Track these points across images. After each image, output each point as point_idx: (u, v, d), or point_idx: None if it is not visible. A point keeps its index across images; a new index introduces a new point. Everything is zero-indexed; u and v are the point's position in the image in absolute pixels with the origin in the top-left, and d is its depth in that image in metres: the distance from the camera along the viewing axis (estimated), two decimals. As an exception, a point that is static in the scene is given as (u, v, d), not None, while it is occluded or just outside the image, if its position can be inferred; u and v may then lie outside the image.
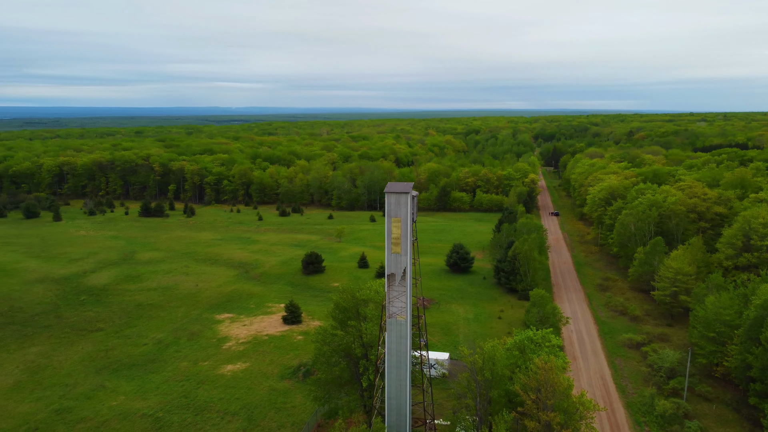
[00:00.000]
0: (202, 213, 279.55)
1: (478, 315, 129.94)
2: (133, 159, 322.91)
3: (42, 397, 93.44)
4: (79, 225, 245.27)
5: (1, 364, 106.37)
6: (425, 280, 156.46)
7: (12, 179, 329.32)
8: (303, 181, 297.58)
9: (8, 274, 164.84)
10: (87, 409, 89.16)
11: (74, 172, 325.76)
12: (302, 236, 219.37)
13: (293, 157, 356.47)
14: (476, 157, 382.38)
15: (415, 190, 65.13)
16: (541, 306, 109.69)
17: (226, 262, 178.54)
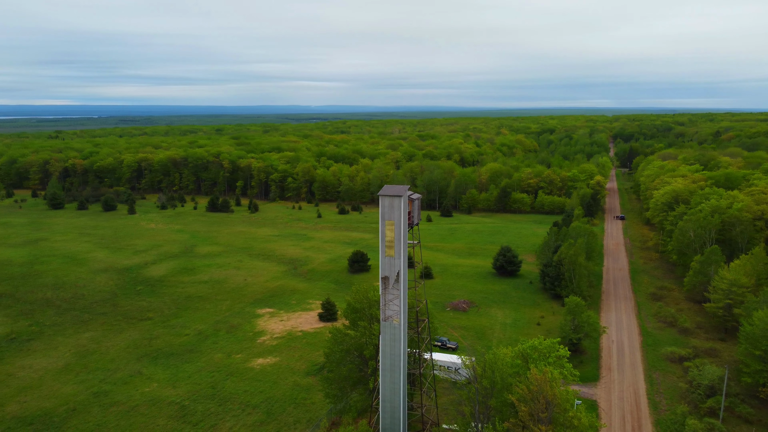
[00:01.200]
0: (266, 209, 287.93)
1: (517, 320, 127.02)
2: (204, 156, 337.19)
3: (85, 380, 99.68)
4: (150, 218, 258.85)
5: (56, 347, 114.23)
6: (470, 282, 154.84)
7: (96, 174, 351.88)
8: (364, 179, 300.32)
9: (79, 263, 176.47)
10: (121, 393, 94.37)
11: (151, 167, 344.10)
12: (356, 234, 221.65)
13: (357, 155, 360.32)
14: (544, 157, 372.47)
15: (417, 193, 64.62)
16: (576, 313, 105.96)
17: (278, 258, 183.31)
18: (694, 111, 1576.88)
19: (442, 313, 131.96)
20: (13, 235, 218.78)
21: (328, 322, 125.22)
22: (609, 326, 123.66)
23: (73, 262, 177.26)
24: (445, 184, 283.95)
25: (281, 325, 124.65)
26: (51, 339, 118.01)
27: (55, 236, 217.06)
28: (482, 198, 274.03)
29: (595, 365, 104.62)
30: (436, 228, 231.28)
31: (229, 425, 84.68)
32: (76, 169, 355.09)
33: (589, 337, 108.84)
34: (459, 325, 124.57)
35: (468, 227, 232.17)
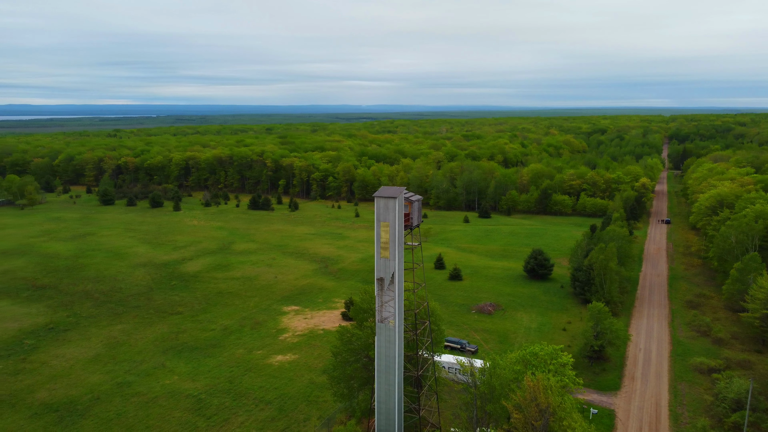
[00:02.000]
0: (306, 208, 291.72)
1: (543, 325, 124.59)
2: (249, 155, 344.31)
3: (111, 370, 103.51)
4: (193, 215, 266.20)
5: (89, 337, 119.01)
6: (499, 284, 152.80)
7: (146, 171, 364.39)
8: (404, 179, 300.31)
9: (120, 257, 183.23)
10: (143, 384, 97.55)
11: (198, 166, 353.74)
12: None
13: (399, 155, 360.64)
14: (590, 158, 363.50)
15: (418, 195, 64.21)
16: (598, 320, 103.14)
17: (311, 256, 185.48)
18: (760, 111, 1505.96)
19: (466, 315, 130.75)
20: (64, 230, 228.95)
21: (351, 321, 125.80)
22: (638, 334, 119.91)
23: (115, 256, 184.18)
24: (485, 184, 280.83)
25: (304, 323, 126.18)
26: (85, 330, 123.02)
27: (102, 231, 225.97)
28: (522, 199, 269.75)
29: (618, 374, 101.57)
30: (472, 229, 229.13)
31: (241, 420, 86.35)
32: (128, 166, 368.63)
33: (614, 345, 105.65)
34: (482, 328, 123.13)
35: (505, 229, 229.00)
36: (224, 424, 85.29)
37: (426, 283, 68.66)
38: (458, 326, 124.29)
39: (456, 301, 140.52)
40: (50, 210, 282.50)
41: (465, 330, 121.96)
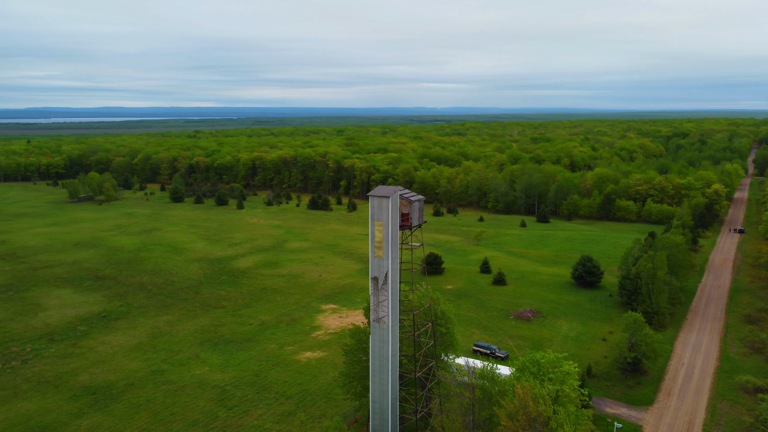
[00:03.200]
0: (364, 208, 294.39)
1: (582, 334, 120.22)
2: (312, 156, 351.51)
3: (149, 358, 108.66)
4: (255, 213, 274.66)
5: (136, 327, 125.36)
6: (543, 290, 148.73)
7: (216, 171, 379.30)
8: (463, 182, 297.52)
9: (178, 252, 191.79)
10: (175, 373, 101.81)
11: (264, 166, 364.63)
12: (443, 236, 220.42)
13: (461, 157, 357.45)
14: (663, 162, 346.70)
15: (420, 195, 63.76)
16: (633, 330, 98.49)
17: (359, 256, 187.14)
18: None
19: (504, 321, 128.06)
20: (133, 225, 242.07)
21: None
22: (684, 347, 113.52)
23: (173, 251, 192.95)
24: (545, 188, 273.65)
25: (339, 321, 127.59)
26: (134, 319, 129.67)
27: (167, 227, 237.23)
28: (584, 204, 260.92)
29: (653, 388, 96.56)
30: (527, 234, 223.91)
31: (260, 412, 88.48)
32: (199, 165, 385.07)
33: (651, 358, 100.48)
34: (517, 334, 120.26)
35: (561, 234, 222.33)
36: (243, 416, 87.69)
37: (428, 284, 67.86)
38: (493, 331, 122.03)
39: (496, 306, 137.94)
40: (125, 206, 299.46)
41: (499, 336, 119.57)
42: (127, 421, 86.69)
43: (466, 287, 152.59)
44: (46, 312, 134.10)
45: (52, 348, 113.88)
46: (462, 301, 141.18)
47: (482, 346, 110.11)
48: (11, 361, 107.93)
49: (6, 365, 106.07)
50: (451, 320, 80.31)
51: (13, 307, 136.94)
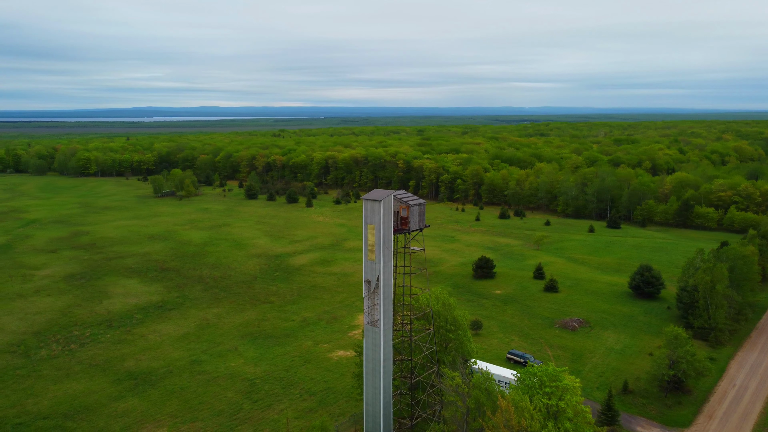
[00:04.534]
0: (430, 209, 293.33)
1: (628, 347, 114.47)
2: (382, 156, 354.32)
3: (191, 348, 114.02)
4: (321, 212, 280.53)
5: (187, 317, 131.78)
6: (596, 299, 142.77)
7: (291, 169, 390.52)
8: (533, 184, 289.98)
9: (241, 247, 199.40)
10: (212, 364, 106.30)
11: (336, 165, 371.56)
12: (504, 240, 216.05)
13: (534, 159, 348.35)
14: (756, 167, 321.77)
15: (422, 199, 63.26)
16: (674, 347, 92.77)
17: (414, 257, 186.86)
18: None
19: (547, 330, 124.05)
20: (206, 220, 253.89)
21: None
22: (740, 368, 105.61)
23: (236, 246, 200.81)
24: (619, 192, 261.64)
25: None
26: (186, 311, 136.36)
27: (236, 222, 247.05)
28: (660, 210, 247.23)
29: (694, 409, 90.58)
30: (593, 240, 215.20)
31: (282, 407, 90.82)
32: (276, 164, 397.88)
33: (693, 376, 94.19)
34: (559, 344, 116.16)
35: (630, 241, 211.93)
36: (266, 409, 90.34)
37: (429, 287, 66.94)
38: (534, 340, 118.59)
39: (542, 313, 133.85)
40: (203, 201, 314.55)
41: (539, 344, 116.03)
42: (160, 407, 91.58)
43: (515, 293, 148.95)
44: (110, 300, 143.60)
45: (109, 334, 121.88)
46: (508, 307, 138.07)
47: (516, 354, 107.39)
48: (71, 344, 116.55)
49: (66, 347, 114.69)
50: (462, 326, 78.88)
51: (82, 294, 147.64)
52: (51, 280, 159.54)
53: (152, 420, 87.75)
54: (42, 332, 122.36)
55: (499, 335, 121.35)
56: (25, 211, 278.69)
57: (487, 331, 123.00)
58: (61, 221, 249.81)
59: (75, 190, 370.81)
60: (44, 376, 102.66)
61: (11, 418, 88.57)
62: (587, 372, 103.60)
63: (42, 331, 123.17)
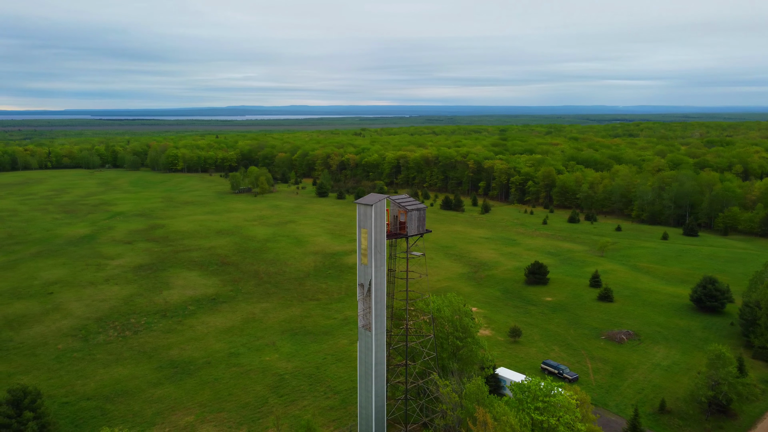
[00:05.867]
0: (497, 211, 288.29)
1: (676, 364, 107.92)
2: (453, 156, 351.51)
3: (232, 341, 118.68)
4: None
5: (236, 311, 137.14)
6: (653, 312, 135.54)
7: (364, 168, 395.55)
8: (607, 187, 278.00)
9: (300, 244, 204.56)
10: (248, 357, 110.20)
11: (407, 165, 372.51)
12: (568, 245, 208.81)
13: (612, 161, 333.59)
14: None
15: (422, 204, 62.85)
16: (717, 366, 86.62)
17: (469, 259, 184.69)
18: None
19: (592, 341, 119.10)
20: (275, 216, 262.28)
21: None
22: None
23: (297, 243, 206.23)
24: (700, 198, 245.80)
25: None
26: (236, 304, 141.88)
27: (302, 220, 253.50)
28: (744, 218, 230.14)
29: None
30: (664, 248, 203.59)
31: (305, 404, 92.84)
32: (349, 163, 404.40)
33: (738, 400, 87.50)
34: (601, 357, 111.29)
35: (705, 251, 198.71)
36: (289, 405, 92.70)
37: (429, 293, 65.57)
38: (575, 351, 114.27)
39: (591, 324, 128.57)
40: (276, 198, 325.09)
41: (579, 356, 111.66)
42: (192, 395, 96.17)
43: (566, 301, 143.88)
44: (169, 291, 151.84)
45: (161, 323, 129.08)
46: (555, 315, 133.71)
47: (551, 365, 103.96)
48: (126, 331, 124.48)
49: (121, 334, 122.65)
50: (472, 334, 77.37)
51: (146, 284, 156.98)
52: (121, 269, 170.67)
53: (182, 407, 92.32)
54: (103, 318, 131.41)
55: (539, 344, 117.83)
56: (114, 204, 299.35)
57: (527, 339, 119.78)
58: (143, 214, 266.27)
59: (162, 185, 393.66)
60: (96, 359, 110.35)
61: (60, 396, 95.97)
62: (625, 387, 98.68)
63: (103, 317, 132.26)
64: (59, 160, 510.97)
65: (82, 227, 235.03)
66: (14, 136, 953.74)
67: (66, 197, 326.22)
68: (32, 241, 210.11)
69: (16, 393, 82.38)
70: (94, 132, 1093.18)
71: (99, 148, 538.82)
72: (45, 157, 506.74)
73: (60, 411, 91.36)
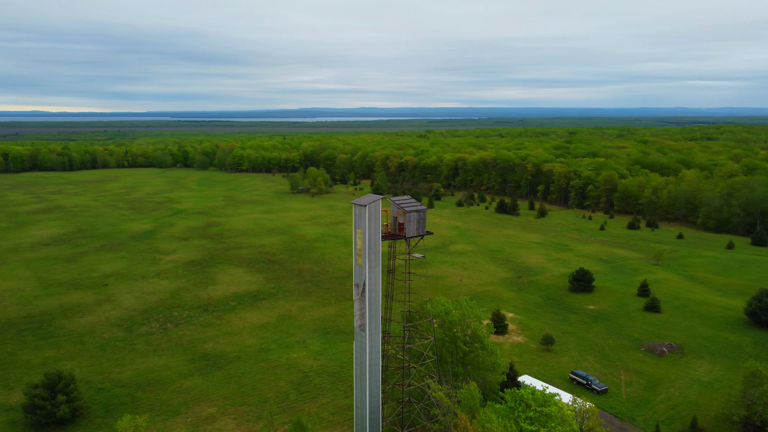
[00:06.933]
0: (554, 216, 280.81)
1: (717, 380, 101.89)
2: (512, 158, 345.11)
3: (265, 337, 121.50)
4: (440, 213, 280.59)
5: (274, 308, 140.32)
6: (702, 325, 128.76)
7: (422, 170, 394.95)
8: (672, 193, 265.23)
9: (347, 244, 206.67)
10: (276, 354, 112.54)
11: (465, 167, 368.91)
12: (622, 252, 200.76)
13: (681, 166, 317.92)
14: None
15: (422, 206, 62.49)
16: (753, 385, 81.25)
17: (514, 264, 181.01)
18: None
19: (630, 352, 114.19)
20: (328, 217, 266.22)
21: (494, 334, 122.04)
22: None
23: (343, 243, 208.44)
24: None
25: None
26: (276, 302, 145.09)
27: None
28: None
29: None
30: (727, 257, 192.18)
31: (324, 401, 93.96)
32: (408, 164, 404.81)
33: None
34: (637, 369, 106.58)
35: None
36: (309, 402, 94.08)
37: (430, 296, 63.99)
38: (610, 361, 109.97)
39: (632, 334, 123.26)
40: (332, 199, 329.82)
41: (614, 367, 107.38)
42: (218, 388, 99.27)
43: (610, 310, 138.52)
44: (215, 286, 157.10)
45: (202, 317, 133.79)
46: (596, 324, 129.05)
47: (579, 375, 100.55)
48: (167, 323, 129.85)
49: (162, 326, 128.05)
50: (480, 339, 75.84)
51: (194, 279, 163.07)
52: (173, 265, 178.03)
53: (207, 399, 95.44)
54: (149, 311, 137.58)
55: (573, 353, 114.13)
56: (178, 202, 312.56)
57: (560, 347, 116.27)
58: (203, 212, 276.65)
59: (226, 184, 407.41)
60: (136, 349, 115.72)
61: (97, 383, 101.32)
62: (657, 403, 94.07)
63: (149, 309, 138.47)
64: (135, 159, 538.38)
65: (145, 223, 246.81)
66: (99, 136, 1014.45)
67: (135, 194, 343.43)
68: (98, 235, 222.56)
69: (51, 377, 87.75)
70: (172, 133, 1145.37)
71: (172, 148, 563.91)
72: (122, 157, 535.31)
73: (95, 396, 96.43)
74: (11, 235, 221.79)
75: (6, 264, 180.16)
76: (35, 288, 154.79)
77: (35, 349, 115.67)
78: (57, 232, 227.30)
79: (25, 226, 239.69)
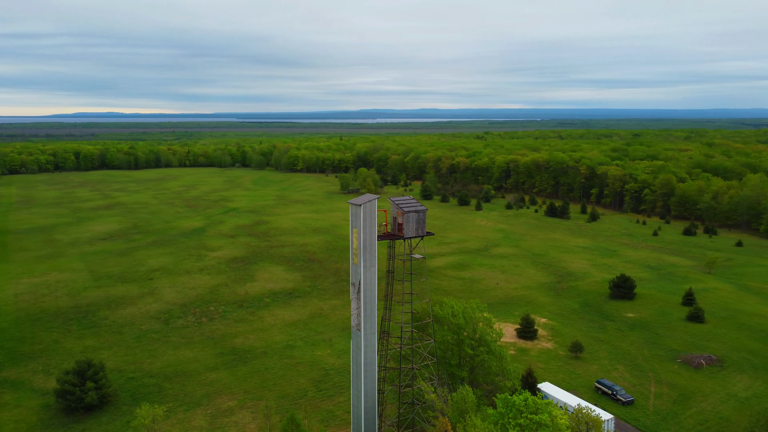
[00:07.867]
0: (606, 220, 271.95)
1: (755, 396, 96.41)
2: (565, 160, 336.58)
3: (293, 334, 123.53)
4: (486, 216, 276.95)
5: (306, 306, 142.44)
6: (747, 337, 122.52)
7: (473, 171, 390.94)
8: (734, 198, 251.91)
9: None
10: (301, 351, 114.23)
11: (517, 169, 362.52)
12: (672, 259, 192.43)
13: (746, 170, 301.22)
14: None
15: (422, 206, 62.15)
16: (784, 404, 76.33)
17: (556, 269, 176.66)
18: None
19: (665, 363, 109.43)
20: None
21: (521, 339, 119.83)
22: None
23: (384, 244, 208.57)
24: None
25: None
26: (309, 300, 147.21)
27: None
28: None
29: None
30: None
31: (341, 400, 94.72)
32: (459, 166, 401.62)
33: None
34: (669, 381, 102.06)
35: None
36: (326, 399, 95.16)
37: (430, 297, 62.40)
38: (641, 372, 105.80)
39: (670, 345, 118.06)
40: (380, 200, 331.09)
41: (645, 378, 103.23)
42: (240, 382, 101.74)
43: (650, 318, 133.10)
44: (253, 283, 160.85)
45: (236, 313, 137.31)
46: (632, 333, 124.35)
47: (605, 384, 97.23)
48: (203, 317, 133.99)
49: (197, 320, 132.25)
50: (487, 343, 74.44)
51: (234, 276, 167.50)
52: (217, 261, 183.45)
53: (228, 392, 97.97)
54: (187, 305, 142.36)
55: (603, 361, 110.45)
56: (231, 200, 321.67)
57: (590, 355, 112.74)
58: (253, 211, 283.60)
59: (280, 184, 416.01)
60: (170, 341, 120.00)
61: (129, 372, 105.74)
62: (686, 417, 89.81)
63: (188, 303, 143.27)
64: (196, 158, 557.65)
65: (197, 220, 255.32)
66: (168, 136, 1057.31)
67: (193, 193, 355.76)
68: (152, 231, 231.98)
69: (81, 365, 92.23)
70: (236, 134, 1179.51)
71: (231, 148, 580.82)
72: (184, 156, 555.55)
73: (125, 385, 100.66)
74: (72, 230, 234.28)
75: (64, 257, 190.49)
76: (87, 280, 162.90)
77: (78, 338, 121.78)
78: (114, 228, 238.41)
79: (86, 222, 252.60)
